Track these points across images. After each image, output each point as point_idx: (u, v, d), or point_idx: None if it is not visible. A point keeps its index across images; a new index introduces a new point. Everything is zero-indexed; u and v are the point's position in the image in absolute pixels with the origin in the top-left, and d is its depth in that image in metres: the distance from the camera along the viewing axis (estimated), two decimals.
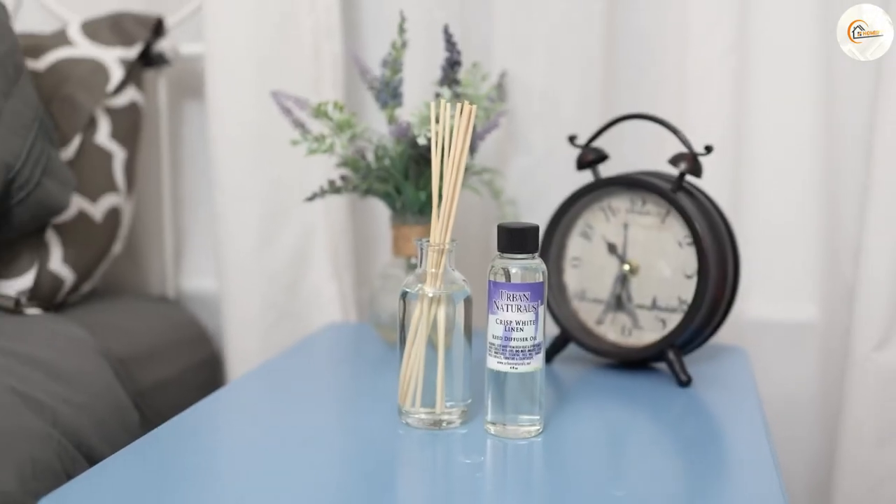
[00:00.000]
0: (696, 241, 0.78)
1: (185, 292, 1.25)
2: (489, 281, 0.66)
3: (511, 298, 0.65)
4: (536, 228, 0.66)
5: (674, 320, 0.81)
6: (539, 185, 1.05)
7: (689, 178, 0.81)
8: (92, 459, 0.84)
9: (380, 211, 1.14)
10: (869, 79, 0.96)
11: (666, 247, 0.81)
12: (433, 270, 0.67)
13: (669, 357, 0.81)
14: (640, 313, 0.83)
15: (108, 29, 1.13)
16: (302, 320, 1.12)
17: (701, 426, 0.74)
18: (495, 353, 0.66)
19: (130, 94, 1.12)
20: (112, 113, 1.10)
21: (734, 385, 0.82)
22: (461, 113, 0.66)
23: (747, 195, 1.05)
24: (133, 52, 1.12)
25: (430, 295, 0.67)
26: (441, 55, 0.88)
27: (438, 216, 0.67)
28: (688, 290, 0.80)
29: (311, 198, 0.86)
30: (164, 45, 1.15)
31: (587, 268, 0.85)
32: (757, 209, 1.05)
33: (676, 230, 0.80)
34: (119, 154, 1.10)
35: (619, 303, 0.84)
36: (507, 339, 0.65)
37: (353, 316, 1.12)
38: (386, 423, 0.70)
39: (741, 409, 0.76)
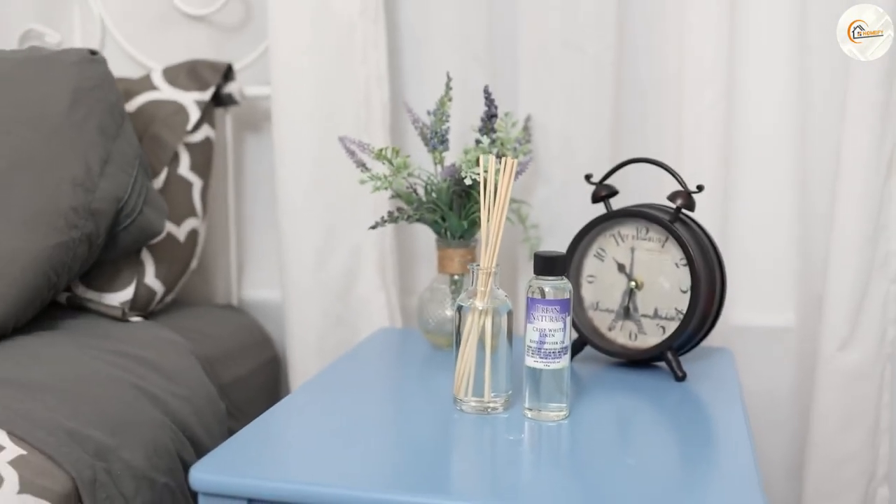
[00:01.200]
0: (690, 262, 0.95)
1: (246, 301, 1.43)
2: (528, 297, 0.83)
3: (545, 311, 0.82)
4: (564, 257, 0.83)
5: (672, 327, 0.97)
6: (557, 212, 1.21)
7: (684, 211, 0.99)
8: (194, 442, 1.01)
9: (419, 232, 1.32)
10: (835, 128, 1.12)
11: (665, 267, 0.98)
12: (482, 289, 0.85)
13: (668, 357, 0.97)
14: (644, 321, 1.00)
15: (186, 75, 1.30)
16: (353, 326, 1.28)
17: (693, 412, 0.90)
18: (532, 353, 0.84)
19: (205, 131, 1.30)
20: (190, 148, 1.28)
21: (721, 380, 0.98)
22: (505, 167, 0.84)
23: (733, 223, 1.20)
24: (207, 94, 1.29)
25: (480, 308, 0.85)
26: (474, 99, 1.06)
27: (486, 246, 0.85)
28: (683, 303, 0.96)
29: (374, 226, 1.03)
30: (232, 88, 1.33)
31: (600, 283, 1.02)
32: (742, 234, 1.21)
33: (674, 253, 0.97)
34: (197, 183, 1.28)
35: (626, 312, 1.01)
36: (542, 342, 0.83)
37: (398, 322, 1.29)
38: (443, 409, 0.87)
39: (726, 399, 0.92)
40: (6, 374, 0.91)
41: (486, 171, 0.85)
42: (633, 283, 1.00)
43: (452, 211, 1.04)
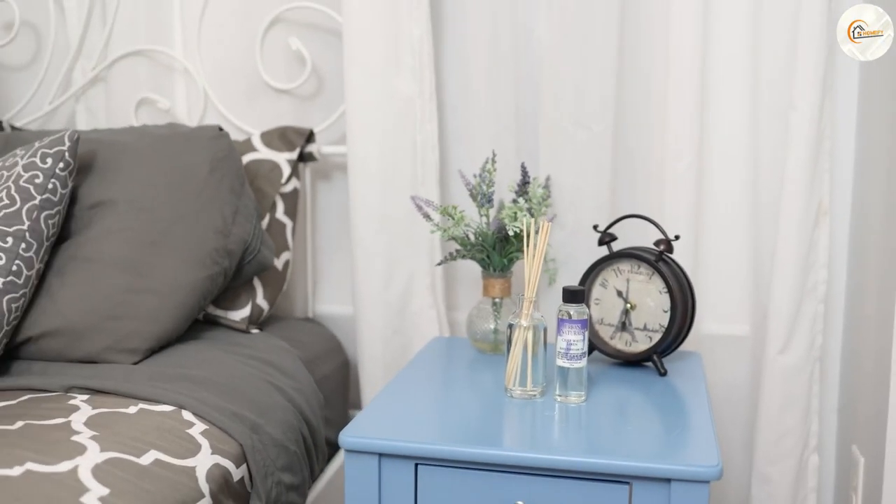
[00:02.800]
0: (669, 291, 1.31)
1: (319, 315, 1.79)
2: (558, 318, 1.20)
3: (570, 327, 1.19)
4: (584, 290, 1.20)
5: (656, 337, 1.32)
6: (570, 250, 1.56)
7: (665, 253, 1.35)
8: (307, 423, 1.35)
9: (461, 262, 1.67)
10: (778, 187, 1.48)
11: (652, 293, 1.33)
12: (525, 311, 1.22)
13: (654, 359, 1.32)
14: (636, 332, 1.35)
15: (278, 138, 1.65)
16: (408, 336, 1.62)
17: (672, 397, 1.24)
18: (561, 356, 1.20)
19: (294, 183, 1.65)
20: (284, 197, 1.63)
21: (692, 375, 1.33)
22: (542, 228, 1.21)
23: (704, 258, 1.55)
24: (295, 154, 1.65)
25: (524, 325, 1.21)
26: (507, 160, 1.44)
27: (528, 282, 1.22)
28: (665, 319, 1.31)
29: (440, 263, 1.40)
30: (312, 148, 1.69)
31: (604, 305, 1.38)
32: (709, 267, 1.55)
33: (658, 284, 1.32)
34: (289, 224, 1.63)
35: (623, 326, 1.37)
36: (568, 349, 1.19)
37: (446, 332, 1.65)
38: (496, 396, 1.22)
39: (695, 388, 1.27)
40: (181, 372, 1.26)
41: (527, 227, 1.22)
42: (628, 305, 1.35)
43: (495, 251, 1.41)
